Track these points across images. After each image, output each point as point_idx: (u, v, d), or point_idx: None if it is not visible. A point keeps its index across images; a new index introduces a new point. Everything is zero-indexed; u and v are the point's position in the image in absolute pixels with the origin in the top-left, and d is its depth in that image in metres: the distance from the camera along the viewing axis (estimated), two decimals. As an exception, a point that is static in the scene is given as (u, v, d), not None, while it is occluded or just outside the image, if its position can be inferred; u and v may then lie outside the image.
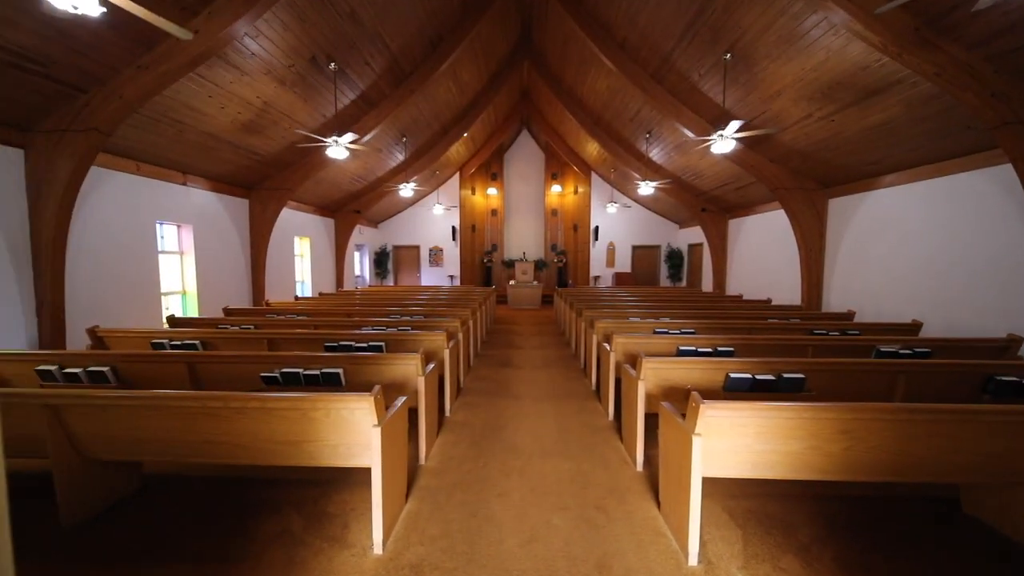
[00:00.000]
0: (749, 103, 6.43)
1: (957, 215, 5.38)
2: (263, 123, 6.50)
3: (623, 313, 6.08)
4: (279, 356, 3.45)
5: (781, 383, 3.14)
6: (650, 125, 8.89)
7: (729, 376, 3.14)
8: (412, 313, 6.33)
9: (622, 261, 14.07)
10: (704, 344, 4.15)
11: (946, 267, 5.51)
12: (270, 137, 6.92)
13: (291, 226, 9.77)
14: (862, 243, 6.91)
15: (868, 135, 5.80)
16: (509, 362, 6.46)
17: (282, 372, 3.32)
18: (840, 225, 7.37)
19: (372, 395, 2.23)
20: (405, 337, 4.42)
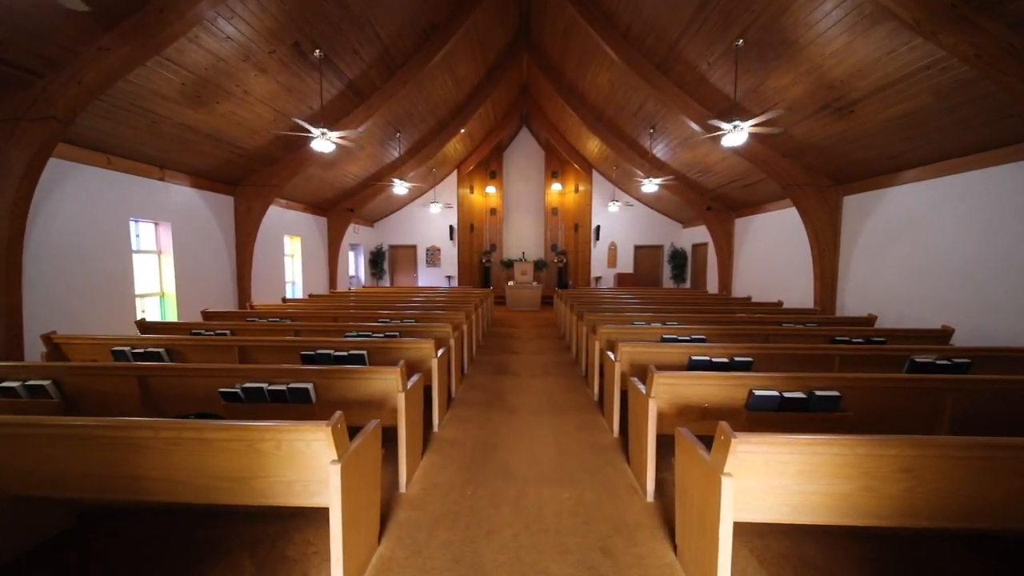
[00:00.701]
0: (761, 93, 6.04)
1: (990, 212, 4.97)
2: (244, 115, 6.12)
3: (627, 317, 5.69)
4: (243, 369, 3.05)
5: (812, 402, 2.74)
6: (654, 120, 8.50)
7: (753, 393, 2.74)
8: (404, 316, 5.94)
9: (624, 261, 13.62)
10: (719, 354, 3.75)
11: (977, 268, 5.10)
12: (252, 130, 6.53)
13: (280, 225, 9.39)
14: (880, 243, 6.51)
15: (890, 127, 5.40)
16: (506, 368, 6.06)
17: (244, 388, 2.93)
18: (856, 224, 6.97)
19: (330, 425, 1.84)
20: (390, 345, 4.03)
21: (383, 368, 2.91)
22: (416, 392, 3.17)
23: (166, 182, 6.53)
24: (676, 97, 7.07)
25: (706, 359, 3.69)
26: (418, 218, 14.16)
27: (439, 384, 4.04)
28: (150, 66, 4.61)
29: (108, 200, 5.62)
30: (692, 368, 3.66)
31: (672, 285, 13.30)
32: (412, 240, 14.38)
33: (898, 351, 3.87)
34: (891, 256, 6.32)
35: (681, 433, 2.23)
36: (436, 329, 4.86)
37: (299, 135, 5.88)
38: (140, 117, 5.26)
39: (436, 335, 4.79)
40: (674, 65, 6.71)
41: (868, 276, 6.74)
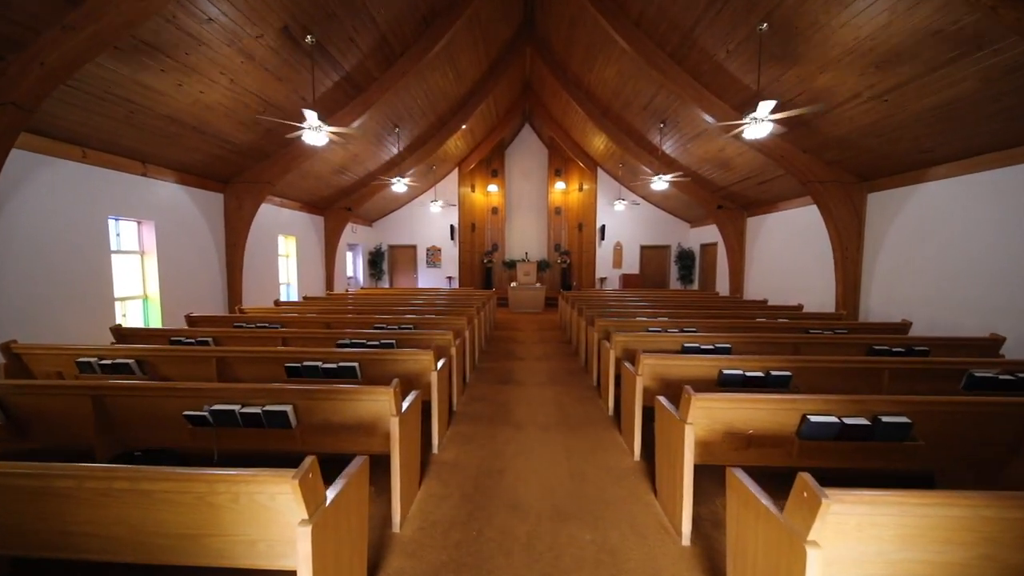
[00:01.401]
0: (785, 83, 5.63)
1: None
2: (231, 105, 5.72)
3: (640, 323, 5.28)
4: (211, 389, 2.65)
5: (878, 430, 2.33)
6: (665, 114, 8.10)
7: (807, 419, 2.34)
8: (402, 322, 5.54)
9: (629, 262, 13.21)
10: (752, 367, 3.35)
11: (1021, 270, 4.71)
12: (240, 122, 6.14)
13: (274, 224, 8.99)
14: (909, 243, 6.10)
15: (925, 118, 5.00)
16: (511, 377, 5.67)
17: (213, 410, 2.53)
18: (881, 222, 6.56)
19: (298, 477, 1.44)
20: (385, 357, 3.63)
21: (374, 389, 2.50)
22: (413, 414, 2.77)
23: (149, 178, 6.13)
24: (690, 89, 6.66)
25: (738, 373, 3.29)
26: (418, 217, 13.76)
27: (439, 399, 3.64)
28: (124, 49, 4.22)
29: (83, 197, 5.22)
30: (724, 384, 3.26)
31: (679, 287, 12.90)
32: (412, 240, 13.99)
33: (950, 364, 3.46)
34: (921, 257, 5.92)
35: (736, 475, 1.83)
36: (436, 337, 4.46)
37: (288, 124, 5.47)
38: (116, 106, 4.86)
39: (436, 344, 4.39)
40: (689, 54, 6.31)
41: (895, 278, 6.33)
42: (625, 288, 12.15)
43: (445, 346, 4.41)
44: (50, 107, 4.38)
